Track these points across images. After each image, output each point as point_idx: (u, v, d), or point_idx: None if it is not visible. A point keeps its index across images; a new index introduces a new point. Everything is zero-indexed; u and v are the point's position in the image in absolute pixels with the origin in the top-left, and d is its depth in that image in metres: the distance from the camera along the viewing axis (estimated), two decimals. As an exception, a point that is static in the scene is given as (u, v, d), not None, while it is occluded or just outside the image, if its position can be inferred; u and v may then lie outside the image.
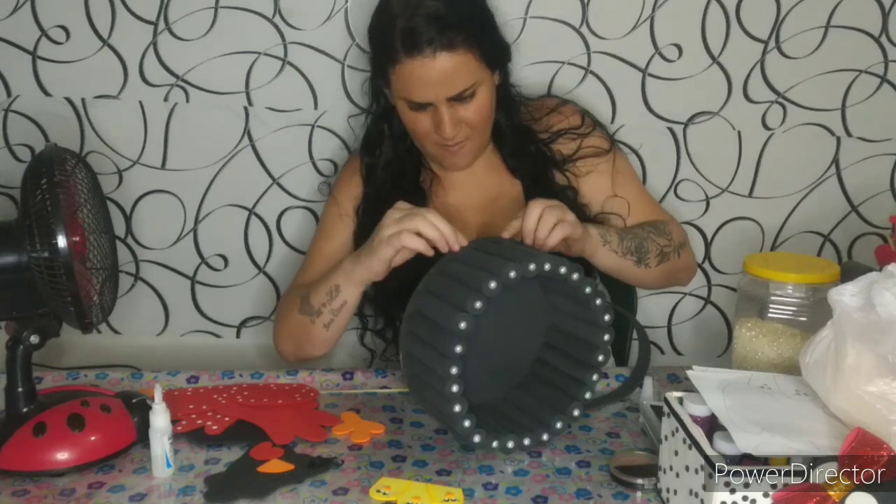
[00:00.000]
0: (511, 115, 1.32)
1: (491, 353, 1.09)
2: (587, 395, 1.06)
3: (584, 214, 1.31)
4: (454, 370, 0.95)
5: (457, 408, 0.97)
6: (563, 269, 0.99)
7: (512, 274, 0.96)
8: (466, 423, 0.97)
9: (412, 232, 1.07)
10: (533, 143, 1.32)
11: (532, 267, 0.97)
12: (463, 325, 0.94)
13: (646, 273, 1.25)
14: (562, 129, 1.33)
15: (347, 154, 1.51)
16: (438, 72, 1.15)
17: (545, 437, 1.04)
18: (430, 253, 1.08)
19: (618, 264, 1.21)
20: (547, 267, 0.98)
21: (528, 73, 1.45)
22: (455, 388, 0.96)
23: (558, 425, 1.04)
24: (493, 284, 0.95)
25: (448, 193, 1.34)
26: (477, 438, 0.98)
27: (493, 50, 1.23)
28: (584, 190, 1.33)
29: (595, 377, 1.06)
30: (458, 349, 0.95)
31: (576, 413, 1.05)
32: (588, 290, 1.01)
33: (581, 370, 1.07)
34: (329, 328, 1.20)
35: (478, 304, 0.95)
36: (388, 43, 1.17)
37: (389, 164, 1.34)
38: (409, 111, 1.22)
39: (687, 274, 1.38)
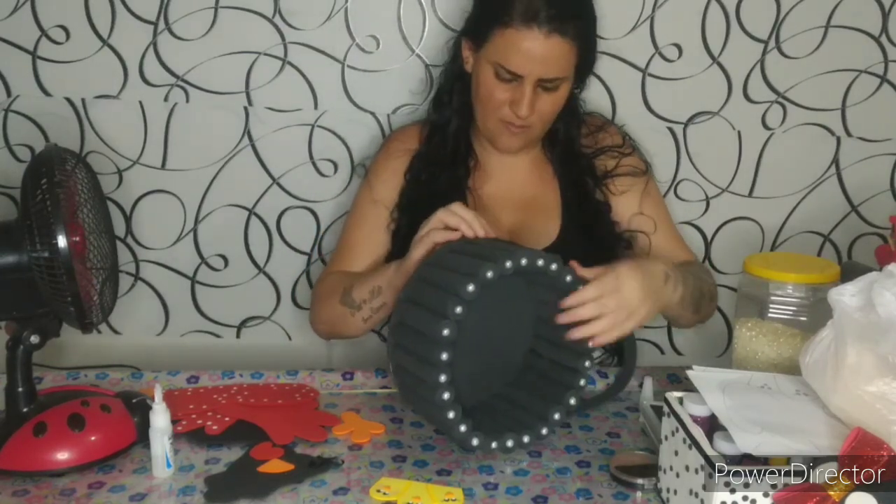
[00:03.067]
0: (570, 127, 1.35)
1: (481, 351, 1.09)
2: (581, 382, 1.06)
3: (614, 231, 1.33)
4: (443, 378, 0.94)
5: (451, 414, 0.96)
6: (540, 262, 0.98)
7: (489, 274, 0.94)
8: (462, 428, 0.97)
9: (439, 228, 1.09)
10: (582, 157, 1.35)
11: (509, 264, 0.95)
12: (446, 332, 0.93)
13: (693, 318, 1.26)
14: (605, 146, 1.35)
15: (348, 154, 1.51)
16: (545, 51, 1.17)
17: (544, 431, 1.04)
18: (467, 233, 1.08)
19: (676, 314, 1.22)
20: (524, 262, 0.97)
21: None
22: (446, 396, 0.95)
23: (556, 416, 1.04)
24: (471, 287, 0.93)
25: (486, 182, 1.35)
26: (475, 442, 0.98)
27: (587, 56, 1.26)
28: (617, 208, 1.34)
29: (587, 363, 1.06)
30: (445, 356, 0.93)
31: (572, 402, 1.05)
32: (569, 278, 1.01)
33: (572, 358, 1.06)
34: (367, 322, 1.23)
35: (458, 310, 0.93)
36: (505, 4, 1.18)
37: (451, 131, 1.35)
38: (493, 78, 1.22)
39: (710, 310, 1.33)
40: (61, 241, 0.95)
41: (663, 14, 1.48)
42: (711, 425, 0.89)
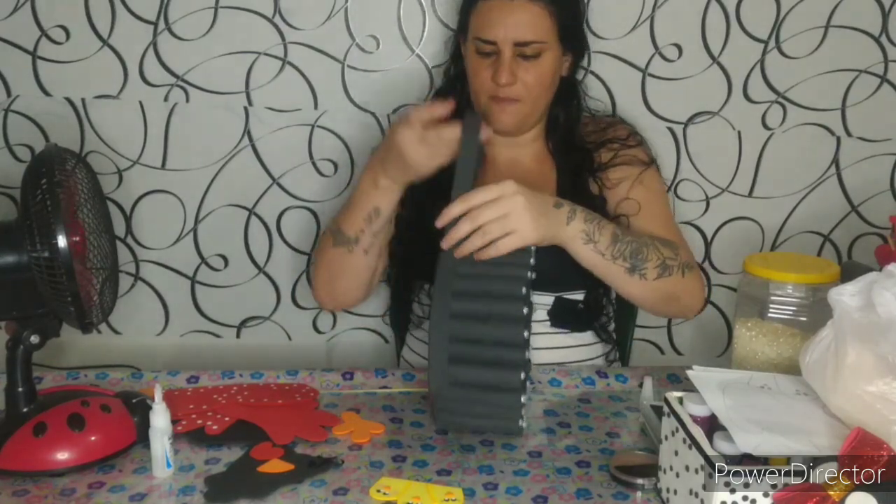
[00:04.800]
0: (570, 115, 1.35)
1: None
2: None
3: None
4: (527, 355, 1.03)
5: (523, 398, 1.05)
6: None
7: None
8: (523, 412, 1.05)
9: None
10: (583, 149, 1.34)
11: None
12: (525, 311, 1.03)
13: (640, 286, 1.18)
14: (607, 139, 1.34)
15: (348, 154, 1.51)
16: (512, 14, 1.21)
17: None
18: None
19: (604, 267, 1.16)
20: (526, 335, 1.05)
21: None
22: (523, 375, 1.03)
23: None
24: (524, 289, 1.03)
25: (488, 171, 1.34)
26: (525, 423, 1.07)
27: (569, 27, 1.28)
28: (610, 201, 1.31)
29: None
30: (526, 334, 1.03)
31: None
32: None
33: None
34: (369, 253, 1.24)
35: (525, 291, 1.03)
36: None
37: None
38: (476, 56, 1.26)
39: (690, 300, 1.26)
40: (61, 241, 0.95)
41: (663, 14, 1.48)
42: (711, 425, 0.89)
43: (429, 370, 1.04)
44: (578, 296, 1.33)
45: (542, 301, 1.32)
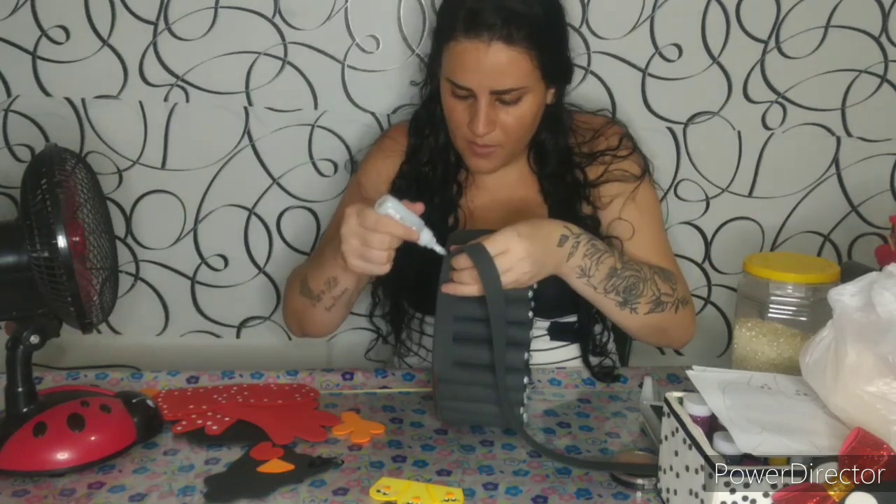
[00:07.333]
0: (558, 139, 1.28)
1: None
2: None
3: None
4: (526, 356, 1.05)
5: (525, 399, 1.07)
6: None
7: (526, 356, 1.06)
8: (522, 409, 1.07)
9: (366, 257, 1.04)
10: (570, 172, 1.28)
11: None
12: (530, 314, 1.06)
13: (630, 318, 1.15)
14: (597, 152, 1.28)
15: (348, 154, 1.51)
16: (489, 61, 1.12)
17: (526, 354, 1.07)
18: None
19: (594, 298, 1.13)
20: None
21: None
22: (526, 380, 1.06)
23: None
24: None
25: (477, 195, 1.31)
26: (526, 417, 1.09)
27: (553, 63, 1.19)
28: (604, 220, 1.27)
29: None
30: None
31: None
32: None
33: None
34: (331, 311, 1.21)
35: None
36: (451, 17, 1.15)
37: (434, 149, 1.31)
38: (450, 97, 1.18)
39: (680, 335, 1.26)
40: (61, 241, 0.95)
41: (663, 14, 1.48)
42: (711, 425, 0.89)
43: (433, 350, 1.04)
44: (572, 318, 1.31)
45: (538, 325, 1.29)
